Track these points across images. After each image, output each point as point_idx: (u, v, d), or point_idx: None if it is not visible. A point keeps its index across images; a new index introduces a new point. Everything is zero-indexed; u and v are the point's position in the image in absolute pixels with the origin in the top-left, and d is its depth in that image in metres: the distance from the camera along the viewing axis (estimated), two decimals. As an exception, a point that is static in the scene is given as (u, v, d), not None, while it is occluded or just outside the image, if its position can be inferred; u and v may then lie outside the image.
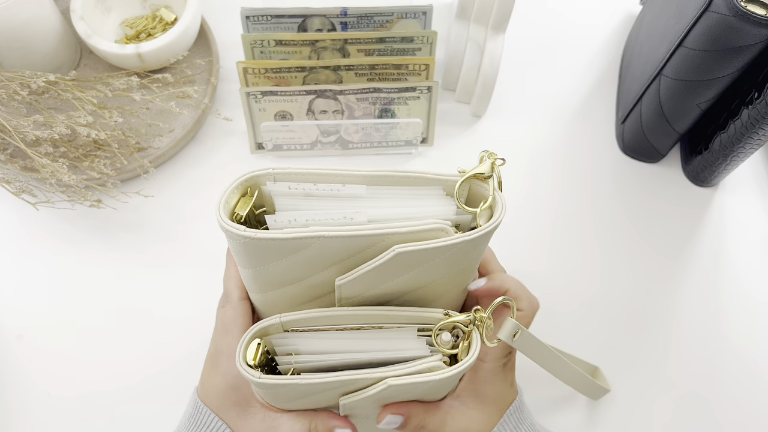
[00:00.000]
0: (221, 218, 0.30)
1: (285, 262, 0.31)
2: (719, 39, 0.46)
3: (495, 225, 0.31)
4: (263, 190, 0.32)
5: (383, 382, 0.33)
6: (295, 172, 0.32)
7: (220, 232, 0.30)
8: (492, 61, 0.58)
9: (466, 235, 0.31)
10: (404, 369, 0.33)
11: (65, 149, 0.54)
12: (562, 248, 0.58)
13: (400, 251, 0.30)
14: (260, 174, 0.32)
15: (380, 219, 0.32)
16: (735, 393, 0.52)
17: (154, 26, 0.62)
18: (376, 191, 0.33)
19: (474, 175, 0.32)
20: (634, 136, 0.60)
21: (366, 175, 0.32)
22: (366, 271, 0.31)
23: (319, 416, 0.37)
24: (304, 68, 0.57)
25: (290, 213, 0.31)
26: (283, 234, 0.29)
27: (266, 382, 0.32)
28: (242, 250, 0.31)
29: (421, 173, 0.33)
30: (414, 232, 0.30)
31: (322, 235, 0.30)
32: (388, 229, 0.30)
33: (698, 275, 0.57)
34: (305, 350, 0.34)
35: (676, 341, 0.54)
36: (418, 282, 0.34)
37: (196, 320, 0.52)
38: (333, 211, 0.31)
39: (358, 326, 0.34)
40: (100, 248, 0.55)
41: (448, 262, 0.32)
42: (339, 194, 0.32)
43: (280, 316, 0.34)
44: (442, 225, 0.31)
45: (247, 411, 0.37)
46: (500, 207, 0.32)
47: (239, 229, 0.29)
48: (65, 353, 0.51)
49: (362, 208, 0.32)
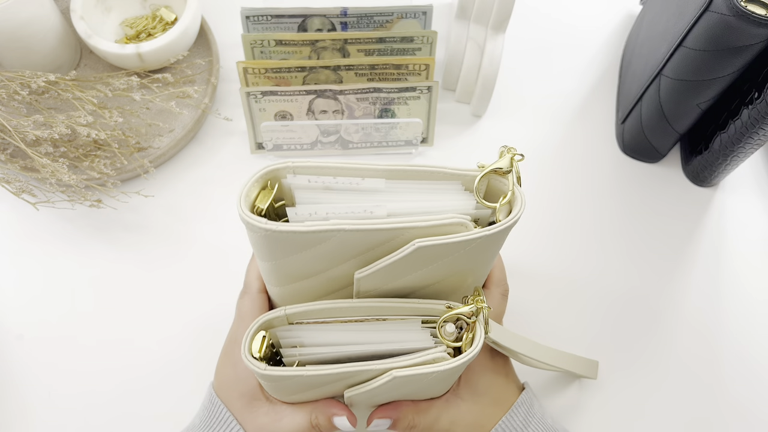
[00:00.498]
0: (243, 210, 0.30)
1: (304, 255, 0.32)
2: (719, 39, 0.46)
3: (515, 220, 0.31)
4: (283, 183, 0.32)
5: (388, 374, 0.33)
6: (314, 166, 0.32)
7: (220, 231, 0.31)
8: (492, 61, 0.58)
9: (486, 230, 0.31)
10: (409, 360, 0.33)
11: (65, 149, 0.54)
12: (562, 248, 0.58)
13: (421, 245, 0.30)
14: (280, 167, 0.32)
15: (399, 213, 0.32)
16: (735, 393, 0.52)
17: (154, 26, 0.63)
18: (395, 185, 0.33)
19: (493, 170, 0.32)
20: (634, 136, 0.60)
21: (385, 169, 0.32)
22: (386, 264, 0.32)
23: (319, 405, 0.37)
24: (304, 68, 0.57)
25: (310, 206, 0.31)
26: (303, 227, 0.30)
27: (270, 374, 0.33)
28: (262, 243, 0.31)
29: (441, 168, 0.33)
30: (434, 226, 0.31)
31: (342, 228, 0.30)
32: (408, 223, 0.30)
33: (698, 275, 0.57)
34: (310, 342, 0.34)
35: (676, 341, 0.54)
36: (435, 276, 0.34)
37: (196, 320, 0.52)
38: (353, 205, 0.31)
39: (362, 318, 0.35)
40: (100, 248, 0.55)
41: (467, 257, 0.32)
42: (358, 188, 0.32)
43: (285, 309, 0.34)
44: (461, 220, 0.31)
45: (253, 404, 0.38)
46: (519, 202, 0.32)
47: (260, 222, 0.30)
48: (65, 353, 0.51)
49: (382, 201, 0.32)
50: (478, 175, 0.32)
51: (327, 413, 0.37)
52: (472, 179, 0.33)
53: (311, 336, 0.34)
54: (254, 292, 0.39)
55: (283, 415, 0.37)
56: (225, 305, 0.45)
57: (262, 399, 0.38)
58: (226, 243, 0.55)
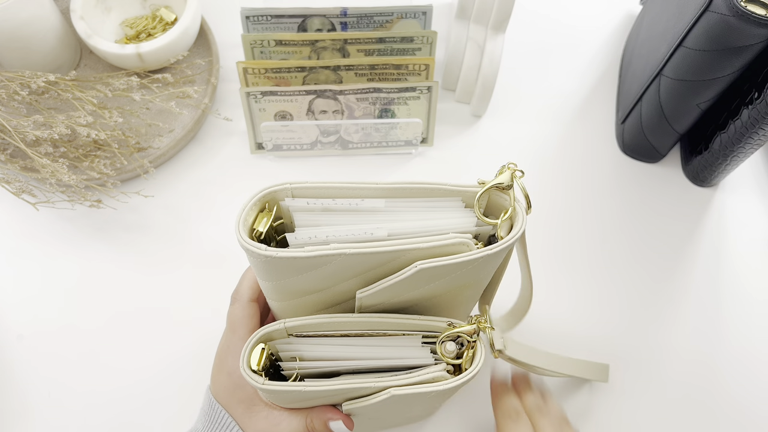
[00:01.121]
0: (241, 238, 0.30)
1: (305, 276, 0.32)
2: (719, 39, 0.46)
3: (516, 238, 0.31)
4: (281, 204, 0.32)
5: (386, 392, 0.33)
6: (312, 187, 0.32)
7: (220, 231, 0.31)
8: (492, 61, 0.58)
9: (487, 249, 0.31)
10: (408, 378, 0.33)
11: (65, 149, 0.54)
12: (561, 248, 0.58)
13: (423, 267, 0.30)
14: (278, 189, 0.32)
15: (400, 233, 0.32)
16: (735, 393, 0.52)
17: (154, 26, 0.63)
18: (395, 204, 0.32)
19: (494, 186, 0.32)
20: (634, 136, 0.60)
21: (384, 188, 0.32)
22: (387, 285, 0.31)
23: (315, 410, 0.38)
24: (304, 68, 0.57)
25: (310, 230, 0.31)
26: (304, 252, 0.29)
27: (270, 388, 0.33)
28: (262, 267, 0.31)
29: (440, 185, 0.32)
30: (435, 247, 0.30)
31: (343, 252, 0.30)
32: (409, 245, 0.30)
33: (698, 275, 0.57)
34: (309, 356, 0.34)
35: (676, 341, 0.54)
36: (435, 291, 0.34)
37: (195, 319, 0.52)
38: (353, 227, 0.31)
39: (362, 332, 0.34)
40: (100, 248, 0.55)
41: (469, 273, 0.32)
42: (358, 208, 0.32)
43: (284, 322, 0.34)
44: (463, 239, 0.31)
45: (252, 409, 0.38)
46: (521, 218, 0.32)
47: (260, 248, 0.29)
48: (65, 352, 0.51)
49: (382, 222, 0.32)
50: (478, 192, 0.32)
51: (323, 418, 0.37)
52: (471, 195, 0.33)
53: (311, 349, 0.34)
54: (245, 301, 0.39)
55: (281, 419, 0.38)
56: (225, 305, 0.45)
57: (261, 404, 0.38)
58: (226, 243, 0.55)
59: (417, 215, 0.32)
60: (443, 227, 0.32)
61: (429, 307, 0.36)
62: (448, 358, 0.34)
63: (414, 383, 0.33)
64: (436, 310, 0.36)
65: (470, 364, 0.33)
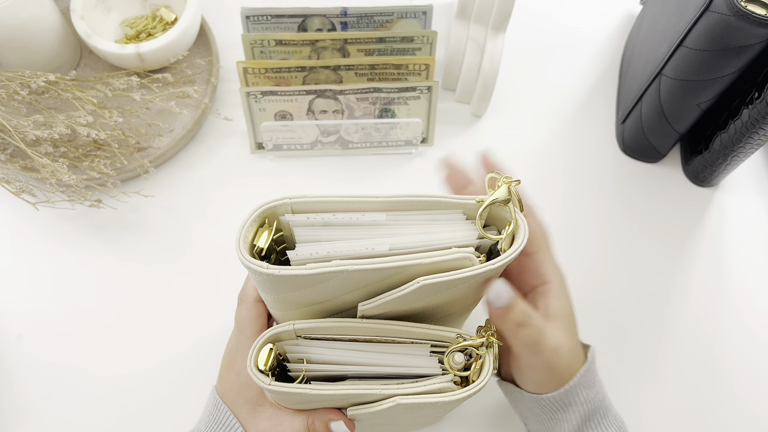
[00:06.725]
0: (242, 255, 0.30)
1: (307, 291, 0.32)
2: (719, 39, 0.46)
3: (517, 252, 0.31)
4: (281, 219, 0.32)
5: (392, 400, 0.33)
6: (312, 201, 0.31)
7: (220, 231, 0.31)
8: (492, 61, 0.58)
9: (489, 264, 0.31)
10: (414, 388, 0.33)
11: (65, 149, 0.54)
12: (561, 248, 0.58)
13: (425, 283, 0.30)
14: (277, 205, 0.31)
15: (402, 247, 0.31)
16: (734, 393, 0.52)
17: (154, 26, 0.63)
18: (396, 217, 0.32)
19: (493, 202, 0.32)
20: (634, 136, 0.60)
21: (385, 201, 0.32)
22: (389, 299, 0.31)
23: (316, 411, 0.38)
24: (304, 68, 0.57)
25: (311, 246, 0.31)
26: (305, 270, 0.29)
27: (276, 389, 0.33)
28: (264, 282, 0.31)
29: (441, 198, 0.32)
30: (438, 262, 0.30)
31: (345, 269, 0.29)
32: (412, 260, 0.30)
33: (698, 275, 0.57)
34: (317, 359, 0.34)
35: (676, 340, 0.54)
36: (438, 302, 0.34)
37: (195, 319, 0.52)
38: (354, 242, 0.31)
39: (370, 338, 0.34)
40: (100, 248, 0.55)
41: (472, 286, 0.32)
42: (358, 222, 0.32)
43: (294, 323, 0.34)
44: (465, 254, 0.31)
45: (257, 409, 0.38)
46: (522, 232, 0.32)
47: (261, 266, 0.29)
48: (65, 352, 0.51)
49: (383, 236, 0.31)
50: (478, 210, 0.32)
51: (324, 419, 0.37)
52: (472, 207, 0.32)
53: (319, 352, 0.34)
54: (251, 302, 0.39)
55: (283, 420, 0.38)
56: (225, 304, 0.45)
57: (266, 404, 0.39)
58: (226, 242, 0.55)
59: (418, 228, 0.32)
60: (445, 241, 0.32)
61: (430, 315, 0.36)
62: (455, 370, 0.34)
63: (421, 393, 0.33)
64: (437, 318, 0.36)
65: (478, 376, 0.33)
